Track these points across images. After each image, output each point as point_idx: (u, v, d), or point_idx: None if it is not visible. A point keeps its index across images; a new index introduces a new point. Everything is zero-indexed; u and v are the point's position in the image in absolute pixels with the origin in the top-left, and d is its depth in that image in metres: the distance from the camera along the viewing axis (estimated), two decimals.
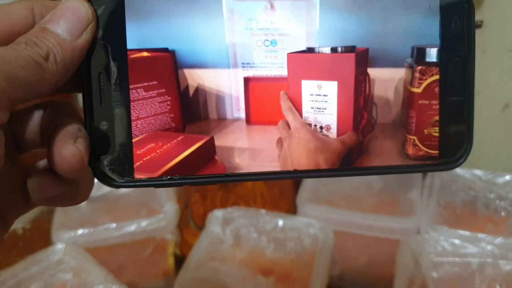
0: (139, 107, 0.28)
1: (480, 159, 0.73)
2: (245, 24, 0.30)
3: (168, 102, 0.31)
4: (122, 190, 0.70)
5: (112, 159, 0.26)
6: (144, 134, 0.28)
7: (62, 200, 0.25)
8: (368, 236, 0.64)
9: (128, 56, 0.27)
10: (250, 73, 0.31)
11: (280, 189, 0.70)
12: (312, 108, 0.32)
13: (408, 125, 0.30)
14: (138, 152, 0.27)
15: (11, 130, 0.26)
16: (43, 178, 0.24)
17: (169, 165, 0.29)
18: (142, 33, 0.27)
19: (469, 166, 0.69)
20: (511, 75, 0.68)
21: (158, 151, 0.29)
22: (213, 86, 0.31)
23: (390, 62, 0.30)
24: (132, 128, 0.27)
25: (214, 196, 0.69)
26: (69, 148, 0.23)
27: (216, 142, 0.30)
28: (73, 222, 0.64)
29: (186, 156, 0.30)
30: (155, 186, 0.27)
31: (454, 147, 0.29)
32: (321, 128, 0.31)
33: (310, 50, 0.30)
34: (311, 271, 0.59)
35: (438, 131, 0.29)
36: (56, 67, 0.23)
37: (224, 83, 0.31)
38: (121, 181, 0.26)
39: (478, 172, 0.67)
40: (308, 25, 0.30)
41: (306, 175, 0.30)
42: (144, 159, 0.28)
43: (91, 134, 0.26)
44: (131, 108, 0.27)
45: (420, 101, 0.29)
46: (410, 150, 0.30)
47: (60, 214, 0.64)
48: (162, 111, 0.31)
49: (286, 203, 0.71)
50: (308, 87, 0.31)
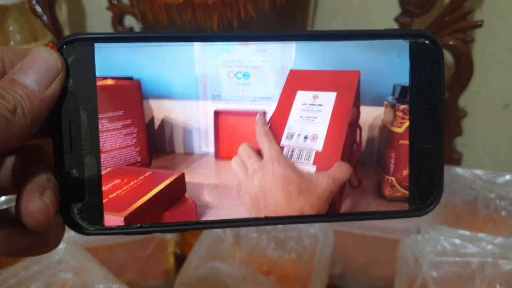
0: (103, 139, 0.27)
1: (480, 158, 0.73)
2: (217, 55, 0.28)
3: (134, 135, 0.30)
4: None
5: (82, 207, 0.26)
6: (108, 169, 0.27)
7: (31, 251, 0.25)
8: (368, 236, 0.64)
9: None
10: (220, 106, 0.29)
11: None
12: (301, 117, 0.30)
13: (386, 165, 0.30)
14: (104, 188, 0.27)
15: None
16: (10, 231, 0.24)
17: (138, 203, 0.28)
18: (105, 60, 0.26)
19: (469, 166, 0.69)
20: (511, 74, 0.68)
21: (124, 188, 0.28)
22: (181, 118, 0.30)
23: (367, 101, 0.29)
24: (102, 176, 0.27)
25: None
26: (35, 202, 0.23)
27: (185, 178, 0.29)
28: None
29: (155, 194, 0.29)
30: (126, 233, 0.27)
31: (424, 194, 0.28)
32: (305, 137, 0.30)
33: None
34: (311, 270, 0.59)
35: (409, 178, 0.28)
36: (24, 120, 0.23)
37: (192, 115, 0.29)
38: (92, 229, 0.26)
39: (478, 172, 0.67)
40: (284, 59, 0.29)
41: (278, 222, 0.29)
42: (110, 197, 0.27)
43: (61, 182, 0.26)
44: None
45: (401, 141, 0.29)
46: (387, 191, 0.30)
47: None
48: (128, 144, 0.29)
49: None
50: (303, 98, 0.30)
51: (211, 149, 0.30)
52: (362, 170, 0.30)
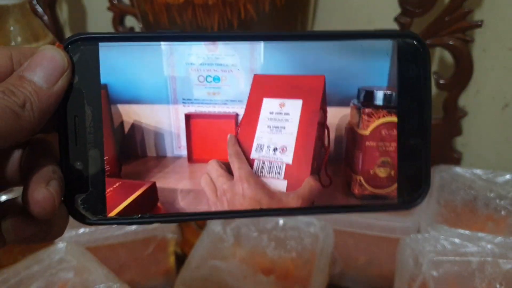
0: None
1: (480, 158, 0.73)
2: (186, 59, 0.28)
3: None
4: None
5: (85, 198, 0.27)
6: None
7: (37, 239, 0.26)
8: (368, 235, 0.64)
9: None
10: (191, 109, 0.29)
11: None
12: (269, 127, 0.31)
13: (354, 165, 0.31)
14: None
15: None
16: (17, 219, 0.25)
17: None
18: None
19: (469, 165, 0.69)
20: (511, 74, 0.68)
21: None
22: (151, 122, 0.30)
23: (334, 102, 0.30)
24: (105, 168, 0.28)
25: None
26: (41, 192, 0.24)
27: (158, 184, 0.29)
28: (74, 222, 0.64)
29: (125, 207, 0.28)
30: (127, 224, 0.28)
31: (412, 188, 0.30)
32: (275, 150, 0.30)
33: None
34: (312, 269, 0.59)
35: (397, 172, 0.30)
36: (33, 115, 0.24)
37: (163, 119, 0.29)
38: (94, 219, 0.28)
39: (478, 171, 0.67)
40: (253, 61, 0.29)
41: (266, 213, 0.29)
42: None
43: (66, 174, 0.27)
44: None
45: (367, 143, 0.30)
46: (356, 190, 0.31)
47: None
48: None
49: None
50: (269, 106, 0.30)
51: (184, 152, 0.30)
52: (331, 169, 0.30)
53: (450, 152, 0.70)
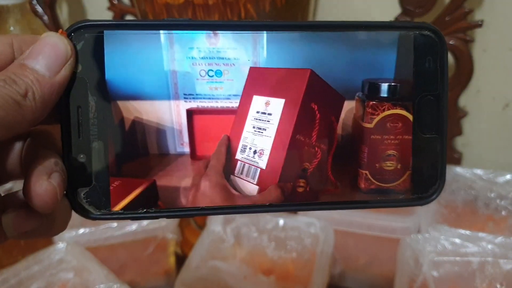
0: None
1: (480, 158, 0.73)
2: (187, 53, 0.27)
3: None
4: None
5: (89, 191, 0.26)
6: None
7: (38, 233, 0.25)
8: (368, 235, 0.64)
9: None
10: (193, 105, 0.29)
11: None
12: (254, 127, 0.30)
13: (360, 160, 0.30)
14: None
15: None
16: (18, 213, 0.24)
17: None
18: None
19: (470, 165, 0.69)
20: (511, 74, 0.68)
21: None
22: (152, 118, 0.29)
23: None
24: (109, 161, 0.27)
25: None
26: (42, 184, 0.23)
27: (159, 182, 0.28)
28: (74, 221, 0.63)
29: (123, 206, 0.27)
30: (132, 218, 0.27)
31: (427, 183, 0.29)
32: (254, 152, 0.30)
33: None
34: (312, 270, 0.59)
35: (411, 167, 0.29)
36: (35, 104, 0.23)
37: (164, 115, 0.28)
38: (98, 213, 0.27)
39: (479, 171, 0.67)
40: (255, 55, 0.28)
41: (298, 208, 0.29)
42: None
43: (69, 166, 0.26)
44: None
45: (372, 136, 0.29)
46: (362, 184, 0.30)
47: None
48: None
49: None
50: (257, 104, 0.29)
51: (187, 149, 0.29)
52: (337, 163, 0.30)
53: (450, 152, 0.70)
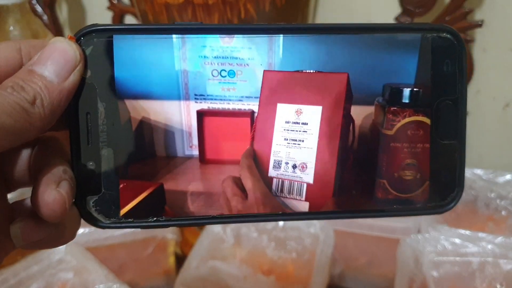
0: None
1: (480, 158, 0.73)
2: (199, 52, 0.26)
3: None
4: None
5: (98, 200, 0.26)
6: None
7: (47, 243, 0.25)
8: (368, 235, 0.64)
9: None
10: (204, 106, 0.27)
11: None
12: (286, 139, 0.28)
13: (378, 168, 0.29)
14: None
15: None
16: (27, 223, 0.24)
17: None
18: None
19: (470, 166, 0.69)
20: (511, 74, 0.68)
21: None
22: (161, 119, 0.28)
23: (357, 100, 0.28)
24: (119, 169, 0.26)
25: None
26: (51, 193, 0.23)
27: (166, 186, 0.27)
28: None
29: (127, 211, 0.26)
30: (141, 227, 0.27)
31: (445, 190, 0.28)
32: (294, 167, 0.28)
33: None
34: (312, 270, 0.59)
35: (429, 174, 0.28)
36: (43, 111, 0.23)
37: (174, 116, 0.27)
38: (107, 222, 0.26)
39: (479, 171, 0.67)
40: (271, 56, 0.27)
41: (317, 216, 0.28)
42: None
43: (78, 174, 0.25)
44: None
45: (392, 144, 0.28)
46: (380, 194, 0.28)
47: None
48: None
49: None
50: (284, 113, 0.28)
51: (196, 152, 0.28)
52: (356, 170, 0.28)
53: None
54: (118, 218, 0.26)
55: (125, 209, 0.27)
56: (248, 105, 0.28)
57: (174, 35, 0.26)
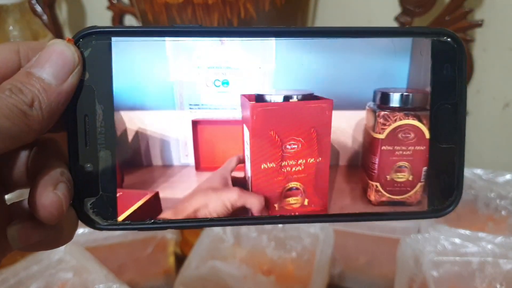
0: None
1: (480, 158, 0.73)
2: (193, 62, 0.27)
3: None
4: None
5: (95, 201, 0.26)
6: None
7: (44, 245, 0.25)
8: (368, 235, 0.64)
9: None
10: (198, 115, 0.28)
11: None
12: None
13: (370, 171, 0.29)
14: None
15: None
16: (24, 225, 0.24)
17: None
18: None
19: (469, 165, 0.69)
20: (511, 74, 0.68)
21: None
22: (156, 129, 0.28)
23: (349, 105, 0.28)
24: (116, 171, 0.26)
25: None
26: (48, 196, 0.23)
27: (162, 194, 0.27)
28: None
29: (130, 217, 0.27)
30: (139, 229, 0.27)
31: (444, 194, 0.28)
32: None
33: (259, 96, 0.28)
34: (312, 270, 0.59)
35: (427, 178, 0.28)
36: (41, 114, 0.23)
37: (169, 126, 0.28)
38: (104, 224, 0.26)
39: (479, 171, 0.67)
40: (264, 64, 0.27)
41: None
42: None
43: (75, 176, 0.25)
44: None
45: (383, 147, 0.29)
46: (373, 196, 0.29)
47: None
48: None
49: None
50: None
51: (191, 161, 0.29)
52: (348, 175, 0.29)
53: None
54: (115, 220, 0.26)
55: (126, 216, 0.27)
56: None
57: (168, 44, 0.26)
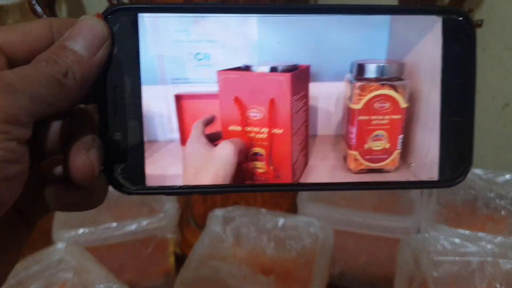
0: None
1: (480, 158, 0.73)
2: (173, 36, 0.28)
3: None
4: None
5: (124, 167, 0.28)
6: None
7: (78, 206, 0.27)
8: (368, 235, 0.64)
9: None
10: (181, 89, 0.29)
11: None
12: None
13: (349, 140, 0.31)
14: None
15: (33, 139, 0.27)
16: (60, 187, 0.26)
17: None
18: None
19: None
20: (511, 74, 0.68)
21: None
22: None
23: (330, 77, 0.29)
24: (144, 139, 0.28)
25: (215, 195, 0.70)
26: (80, 159, 0.25)
27: (148, 170, 0.28)
28: (74, 222, 0.64)
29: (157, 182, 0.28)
30: (166, 194, 0.29)
31: (454, 166, 0.29)
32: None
33: (246, 67, 0.29)
34: (312, 270, 0.59)
35: (439, 150, 0.29)
36: (75, 83, 0.24)
37: (152, 101, 0.29)
38: (133, 188, 0.28)
39: (478, 171, 0.67)
40: (245, 37, 0.28)
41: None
42: None
43: (106, 144, 0.27)
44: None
45: (360, 117, 0.30)
46: (352, 165, 0.31)
47: (61, 213, 0.64)
48: None
49: (287, 202, 0.71)
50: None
51: (176, 135, 0.30)
52: (329, 145, 0.31)
53: None
54: (143, 185, 0.28)
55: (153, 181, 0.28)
56: None
57: (147, 20, 0.27)
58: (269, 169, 0.31)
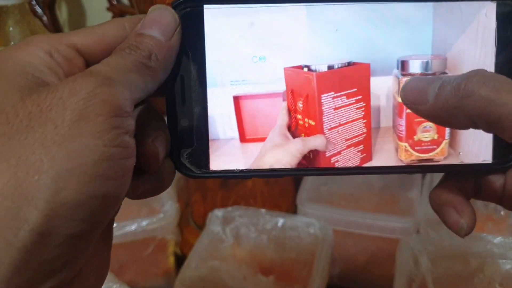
0: None
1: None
2: (230, 39, 0.29)
3: None
4: None
5: (190, 152, 0.29)
6: None
7: (150, 192, 0.28)
8: (368, 235, 0.64)
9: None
10: (239, 90, 0.30)
11: (280, 188, 0.71)
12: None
13: (399, 133, 0.32)
14: None
15: None
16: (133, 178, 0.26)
17: None
18: None
19: None
20: None
21: None
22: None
23: (381, 71, 0.31)
24: (208, 125, 0.29)
25: (215, 196, 0.70)
26: (146, 146, 0.26)
27: (212, 167, 0.30)
28: None
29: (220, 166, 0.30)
30: (229, 177, 0.30)
31: (507, 149, 0.30)
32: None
33: (305, 66, 0.30)
34: (311, 270, 0.59)
35: (494, 135, 0.30)
36: (159, 65, 0.26)
37: (212, 102, 0.30)
38: (198, 172, 0.29)
39: None
40: (298, 37, 0.30)
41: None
42: None
43: (173, 130, 0.29)
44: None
45: (408, 110, 0.31)
46: (403, 156, 0.32)
47: None
48: None
49: (286, 202, 0.71)
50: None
51: (235, 134, 0.32)
52: (383, 137, 0.32)
53: None
54: (208, 169, 0.30)
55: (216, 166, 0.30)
56: (281, 86, 0.31)
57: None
58: (308, 155, 0.32)
